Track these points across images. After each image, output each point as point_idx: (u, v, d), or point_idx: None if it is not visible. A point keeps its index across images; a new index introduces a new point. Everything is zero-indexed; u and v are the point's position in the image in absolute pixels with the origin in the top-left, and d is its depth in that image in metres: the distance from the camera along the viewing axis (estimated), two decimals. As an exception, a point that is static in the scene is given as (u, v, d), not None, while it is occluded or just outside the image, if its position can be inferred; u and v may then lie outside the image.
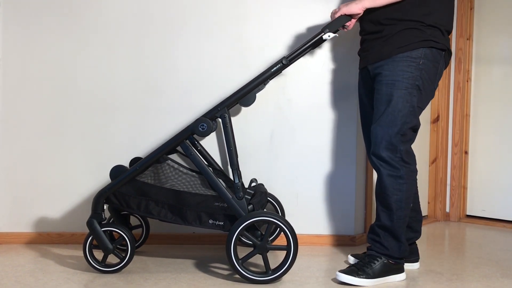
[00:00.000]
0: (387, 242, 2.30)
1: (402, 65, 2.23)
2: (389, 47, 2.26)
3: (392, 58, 2.25)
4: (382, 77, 2.28)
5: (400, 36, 2.24)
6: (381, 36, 2.28)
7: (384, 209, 2.30)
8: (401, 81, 2.23)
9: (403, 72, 2.23)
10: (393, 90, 2.24)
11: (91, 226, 2.30)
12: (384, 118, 2.26)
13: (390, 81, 2.25)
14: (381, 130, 2.27)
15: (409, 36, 2.23)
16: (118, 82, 2.80)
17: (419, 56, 2.23)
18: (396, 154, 2.26)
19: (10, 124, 2.79)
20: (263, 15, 2.82)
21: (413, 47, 2.22)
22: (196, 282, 2.24)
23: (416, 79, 2.23)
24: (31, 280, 2.22)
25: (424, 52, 2.23)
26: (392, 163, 2.26)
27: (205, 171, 2.29)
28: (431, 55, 2.25)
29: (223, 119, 2.32)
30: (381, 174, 2.29)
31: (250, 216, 2.20)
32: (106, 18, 2.79)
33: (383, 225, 2.31)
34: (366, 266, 2.28)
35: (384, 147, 2.26)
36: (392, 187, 2.27)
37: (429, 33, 2.23)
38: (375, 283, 2.26)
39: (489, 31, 3.58)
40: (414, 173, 2.33)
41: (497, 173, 3.56)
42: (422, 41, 2.23)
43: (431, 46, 2.24)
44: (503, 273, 2.45)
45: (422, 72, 2.24)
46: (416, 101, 2.25)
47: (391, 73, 2.25)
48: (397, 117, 2.24)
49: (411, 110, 2.25)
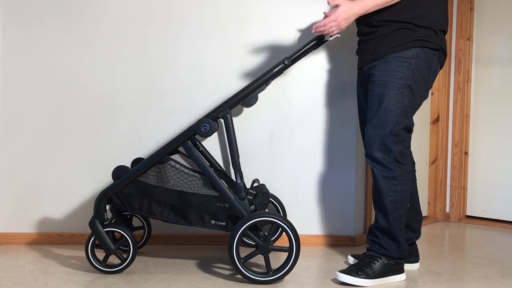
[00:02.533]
0: (385, 243, 2.30)
1: (394, 65, 2.23)
2: (381, 47, 2.26)
3: (384, 59, 2.25)
4: (374, 77, 2.28)
5: (392, 36, 2.24)
6: (375, 37, 2.28)
7: (380, 211, 2.31)
8: (392, 81, 2.23)
9: (395, 72, 2.22)
10: (385, 90, 2.24)
11: (93, 226, 2.30)
12: (376, 119, 2.26)
13: (382, 81, 2.25)
14: (373, 131, 2.27)
15: (401, 36, 2.22)
16: (119, 83, 2.80)
17: (411, 56, 2.22)
18: (390, 155, 2.25)
19: (10, 124, 2.79)
20: (263, 15, 2.82)
21: (405, 47, 2.22)
22: (196, 282, 2.24)
23: (408, 79, 2.22)
24: (31, 281, 2.22)
25: (416, 52, 2.22)
26: (386, 164, 2.25)
27: (207, 171, 2.28)
28: (424, 55, 2.23)
29: (225, 119, 2.32)
30: (375, 176, 2.29)
31: (253, 217, 2.20)
32: (107, 19, 2.79)
33: (380, 227, 2.31)
34: (366, 266, 2.28)
35: (377, 148, 2.26)
36: (386, 189, 2.27)
37: (422, 33, 2.22)
38: (375, 283, 2.26)
39: (489, 31, 3.58)
40: (409, 174, 2.32)
41: (497, 174, 3.56)
42: (414, 41, 2.22)
43: (424, 46, 2.22)
44: (503, 273, 2.46)
45: (414, 72, 2.23)
46: (408, 101, 2.24)
47: (383, 73, 2.25)
48: (389, 117, 2.23)
49: (403, 111, 2.24)
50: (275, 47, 2.81)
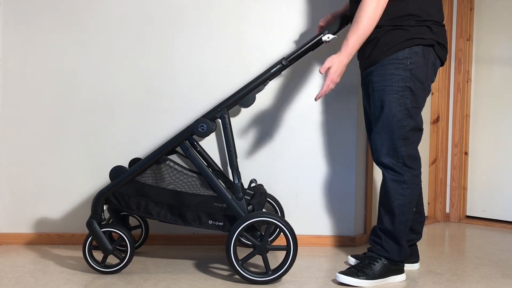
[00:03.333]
0: (387, 245, 2.30)
1: (390, 68, 2.21)
2: (376, 51, 2.25)
3: (380, 63, 2.24)
4: (373, 83, 2.27)
5: (384, 39, 2.22)
6: (370, 41, 2.26)
7: (387, 213, 2.30)
8: (391, 85, 2.22)
9: (392, 76, 2.21)
10: (384, 95, 2.23)
11: (91, 226, 2.30)
12: (380, 125, 2.26)
13: (381, 87, 2.24)
14: (379, 137, 2.27)
15: (394, 37, 2.21)
16: (118, 83, 2.80)
17: (406, 57, 2.20)
18: (398, 160, 2.25)
19: (10, 124, 2.79)
20: (263, 15, 2.82)
21: (398, 48, 2.20)
22: (196, 282, 2.24)
23: (406, 80, 2.21)
24: (31, 281, 2.22)
25: (410, 51, 2.20)
26: (395, 168, 2.25)
27: (204, 171, 2.29)
28: (419, 52, 2.21)
29: (222, 119, 2.32)
30: (385, 179, 2.29)
31: (250, 217, 2.21)
32: (106, 18, 2.79)
33: (384, 229, 2.30)
34: (366, 267, 2.27)
35: (385, 154, 2.26)
36: (395, 192, 2.27)
37: (413, 31, 2.20)
38: (375, 284, 2.26)
39: (489, 31, 3.58)
40: (418, 178, 2.31)
41: (497, 174, 3.56)
42: (406, 41, 2.19)
43: (417, 44, 2.20)
44: (503, 273, 2.45)
45: (412, 72, 2.21)
46: (409, 102, 2.22)
47: (381, 78, 2.24)
48: (393, 122, 2.23)
49: (406, 113, 2.23)
50: (275, 47, 2.81)
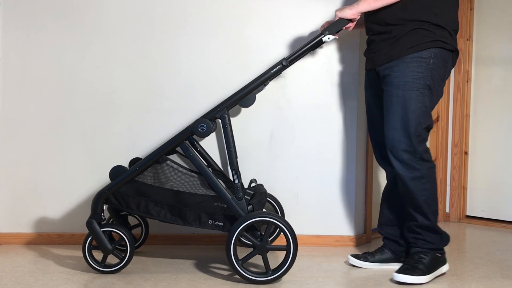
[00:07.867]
0: (429, 237, 2.34)
1: (412, 65, 2.22)
2: (398, 48, 2.25)
3: (401, 59, 2.24)
4: (392, 78, 2.27)
5: (409, 37, 2.23)
6: (390, 37, 2.27)
7: (416, 211, 2.32)
8: (412, 82, 2.23)
9: (413, 73, 2.22)
10: (405, 91, 2.24)
11: (91, 226, 2.30)
12: (398, 121, 2.26)
13: (401, 82, 2.24)
14: (397, 133, 2.27)
15: (419, 36, 2.22)
16: (118, 82, 2.80)
17: (429, 56, 2.22)
18: (416, 155, 2.26)
19: (10, 124, 2.79)
20: (264, 16, 2.82)
21: (423, 47, 2.21)
22: (196, 282, 2.24)
23: (427, 79, 2.23)
24: (31, 281, 2.22)
25: (433, 52, 2.22)
26: (413, 164, 2.26)
27: (204, 171, 2.28)
28: (441, 55, 2.24)
29: (222, 120, 2.32)
30: (402, 178, 2.29)
31: (250, 217, 2.20)
32: (107, 18, 2.79)
33: (421, 225, 2.33)
34: (417, 263, 2.30)
35: (403, 150, 2.26)
36: (417, 189, 2.28)
37: (438, 33, 2.23)
38: (430, 278, 2.30)
39: (489, 31, 3.57)
40: (433, 169, 2.34)
41: (497, 174, 3.56)
42: (431, 41, 2.22)
43: (440, 47, 2.23)
44: (503, 273, 2.45)
45: (433, 72, 2.23)
46: (428, 101, 2.25)
47: (402, 74, 2.24)
48: (411, 118, 2.24)
49: (424, 111, 2.25)
50: (275, 47, 2.81)
